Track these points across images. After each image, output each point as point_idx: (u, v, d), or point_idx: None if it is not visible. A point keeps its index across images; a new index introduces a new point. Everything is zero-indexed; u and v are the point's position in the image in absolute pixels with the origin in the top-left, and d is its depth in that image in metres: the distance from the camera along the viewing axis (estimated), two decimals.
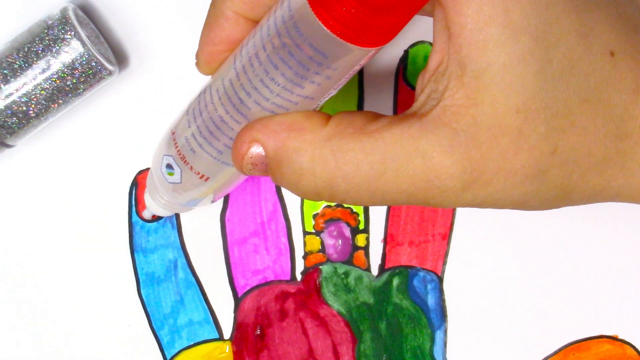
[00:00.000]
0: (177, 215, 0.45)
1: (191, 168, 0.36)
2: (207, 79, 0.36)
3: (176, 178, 0.38)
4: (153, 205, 0.42)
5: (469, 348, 0.46)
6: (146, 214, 0.44)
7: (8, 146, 0.43)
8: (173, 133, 0.37)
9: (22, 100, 0.41)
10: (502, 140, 0.29)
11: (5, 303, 0.46)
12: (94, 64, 0.41)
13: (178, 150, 0.36)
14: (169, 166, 0.38)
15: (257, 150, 0.32)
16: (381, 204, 0.32)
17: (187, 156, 0.36)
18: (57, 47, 0.41)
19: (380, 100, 0.45)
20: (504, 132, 0.29)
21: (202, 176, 0.37)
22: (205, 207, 0.45)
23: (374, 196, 0.31)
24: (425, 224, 0.46)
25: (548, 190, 0.31)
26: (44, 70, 0.41)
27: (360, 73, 0.44)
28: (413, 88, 0.44)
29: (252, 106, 0.32)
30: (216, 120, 0.34)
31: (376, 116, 0.31)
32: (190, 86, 0.44)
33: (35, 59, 0.41)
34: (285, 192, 0.46)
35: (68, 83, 0.41)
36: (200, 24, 0.44)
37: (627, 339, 0.46)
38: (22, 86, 0.41)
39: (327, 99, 0.33)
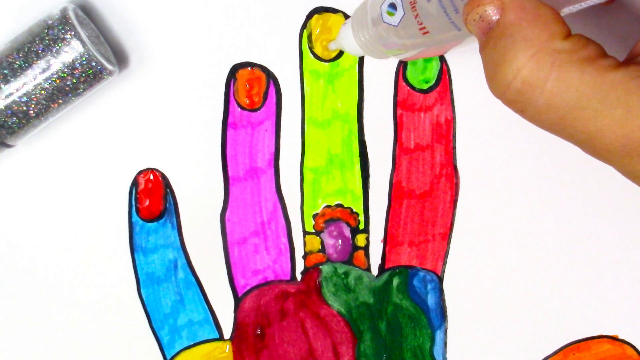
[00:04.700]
0: (177, 215, 0.45)
1: (416, 16, 0.35)
2: None
3: (394, 20, 0.36)
4: (349, 39, 0.40)
5: (469, 348, 0.46)
6: (332, 45, 0.42)
7: (8, 146, 0.43)
8: None
9: (22, 100, 0.41)
10: None
11: (5, 303, 0.46)
12: (94, 64, 0.41)
13: None
14: (392, 5, 0.36)
15: (493, 11, 0.32)
16: (551, 132, 0.32)
17: (418, 3, 0.35)
18: (57, 47, 0.41)
19: (380, 100, 0.45)
20: None
21: (423, 28, 0.35)
22: (205, 207, 0.45)
23: (555, 123, 0.31)
24: (425, 224, 0.46)
25: None
26: (44, 70, 0.41)
27: (360, 73, 0.44)
28: (413, 88, 0.44)
29: None
30: None
31: (605, 53, 0.31)
32: (191, 86, 0.44)
33: (35, 59, 0.41)
34: (285, 192, 0.46)
35: (68, 83, 0.41)
36: (199, 24, 0.44)
37: (627, 339, 0.46)
38: (22, 86, 0.41)
39: None
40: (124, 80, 0.44)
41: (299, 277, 0.46)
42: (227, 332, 0.46)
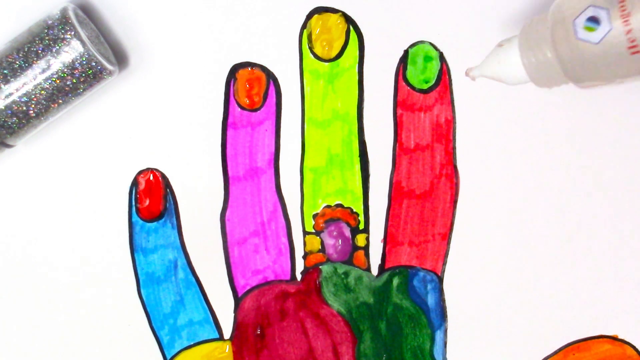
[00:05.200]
0: (177, 215, 0.45)
1: (629, 31, 0.29)
2: None
3: (595, 37, 0.30)
4: (512, 62, 0.33)
5: (469, 348, 0.46)
6: (476, 72, 0.34)
7: (8, 146, 0.43)
8: None
9: (22, 100, 0.41)
10: None
11: (6, 303, 0.46)
12: (94, 64, 0.41)
13: (622, 6, 0.29)
14: (593, 19, 0.30)
15: None
16: None
17: (633, 15, 0.29)
18: (57, 47, 0.41)
19: (380, 100, 0.45)
20: None
21: (634, 47, 0.29)
22: (205, 207, 0.45)
23: None
24: (425, 224, 0.45)
25: None
26: (44, 70, 0.41)
27: (360, 73, 0.44)
28: (413, 88, 0.44)
29: None
30: None
31: None
32: (191, 86, 0.44)
33: (35, 59, 0.41)
34: (285, 192, 0.46)
35: (68, 83, 0.41)
36: (199, 24, 0.44)
37: (627, 339, 0.46)
38: (22, 86, 0.41)
39: None
40: (124, 80, 0.44)
41: (299, 277, 0.46)
42: (227, 332, 0.46)
